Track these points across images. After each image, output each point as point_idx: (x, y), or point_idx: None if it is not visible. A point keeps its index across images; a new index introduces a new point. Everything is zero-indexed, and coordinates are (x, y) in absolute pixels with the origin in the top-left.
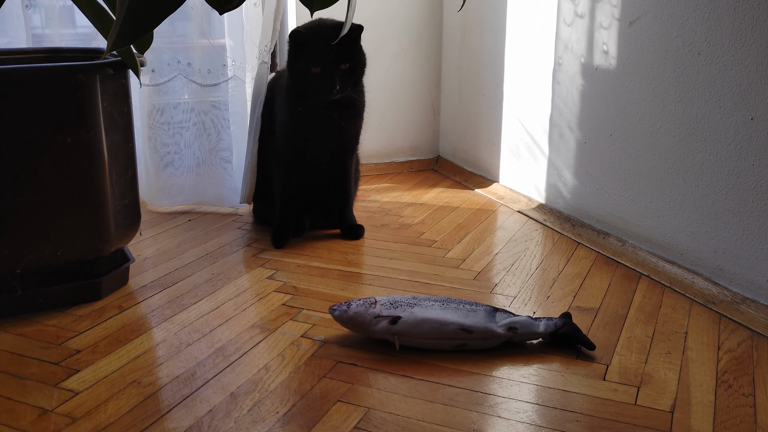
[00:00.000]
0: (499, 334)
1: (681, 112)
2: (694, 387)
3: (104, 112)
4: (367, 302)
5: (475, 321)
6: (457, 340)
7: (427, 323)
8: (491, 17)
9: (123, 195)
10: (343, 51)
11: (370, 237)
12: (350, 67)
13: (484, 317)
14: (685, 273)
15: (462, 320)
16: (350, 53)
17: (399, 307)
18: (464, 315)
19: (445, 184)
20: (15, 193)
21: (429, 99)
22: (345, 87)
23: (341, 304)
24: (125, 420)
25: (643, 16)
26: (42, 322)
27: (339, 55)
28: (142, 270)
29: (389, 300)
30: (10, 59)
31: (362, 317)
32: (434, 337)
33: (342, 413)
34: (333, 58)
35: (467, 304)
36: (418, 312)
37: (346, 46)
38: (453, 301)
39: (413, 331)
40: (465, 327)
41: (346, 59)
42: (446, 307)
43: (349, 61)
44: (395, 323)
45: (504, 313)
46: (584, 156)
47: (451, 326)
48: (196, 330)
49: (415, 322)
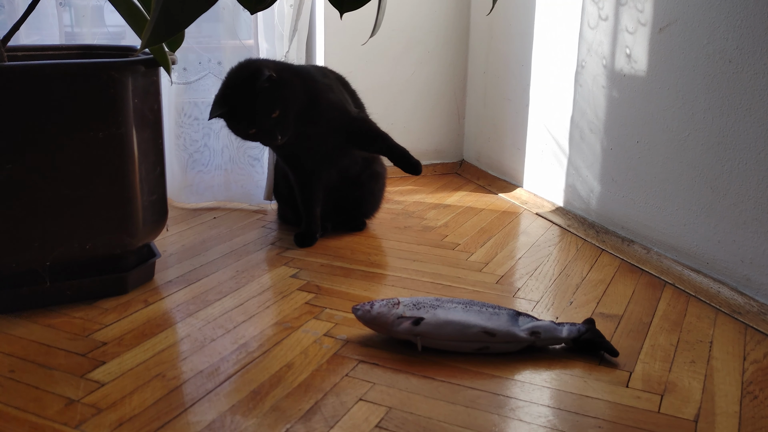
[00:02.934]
0: (521, 338)
1: (710, 120)
2: (718, 397)
3: (135, 108)
4: (390, 303)
5: (497, 324)
6: (480, 343)
7: (450, 325)
8: (519, 22)
9: (151, 191)
10: (266, 102)
11: (393, 239)
12: (282, 112)
13: (507, 321)
14: (711, 282)
15: (485, 323)
16: (274, 100)
17: (422, 309)
18: (487, 318)
19: (469, 188)
20: (46, 186)
21: (454, 103)
22: (287, 131)
23: (364, 304)
24: (149, 412)
25: (673, 23)
26: (69, 314)
27: (264, 108)
28: (167, 265)
29: (412, 301)
30: (44, 55)
31: (385, 317)
32: (456, 339)
33: (363, 412)
34: (261, 114)
35: (490, 307)
36: (441, 314)
37: (266, 96)
38: (475, 303)
39: (436, 333)
40: (488, 330)
41: (273, 107)
42: (469, 309)
43: (277, 107)
44: (418, 324)
45: (526, 317)
46: (610, 162)
47: (474, 329)
48: (220, 326)
49: (438, 323)
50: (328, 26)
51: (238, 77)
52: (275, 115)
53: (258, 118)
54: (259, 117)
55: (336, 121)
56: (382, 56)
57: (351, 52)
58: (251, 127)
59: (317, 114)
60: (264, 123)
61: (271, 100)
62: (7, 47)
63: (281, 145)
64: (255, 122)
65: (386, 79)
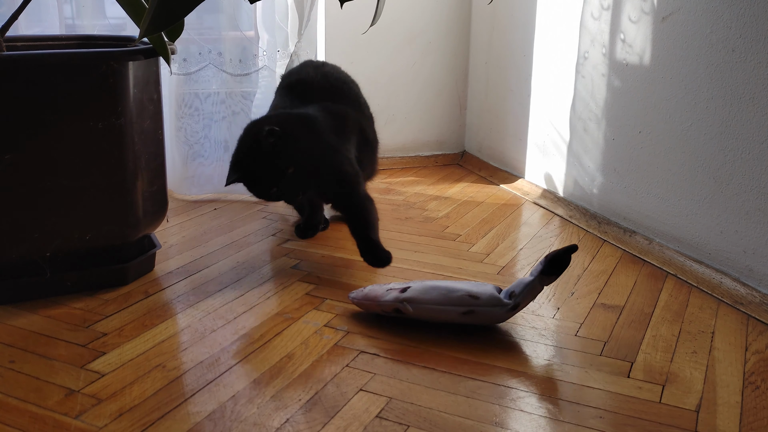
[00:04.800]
0: (504, 303)
1: (713, 110)
2: (720, 387)
3: (135, 99)
4: (384, 286)
5: (484, 289)
6: (464, 307)
7: (435, 290)
8: (521, 12)
9: (151, 182)
10: (278, 159)
11: (395, 230)
12: (297, 167)
13: (492, 287)
14: (713, 273)
15: (470, 288)
16: (285, 156)
17: (411, 283)
18: (474, 285)
19: (471, 179)
20: (46, 177)
21: (456, 94)
22: (306, 186)
23: (359, 289)
24: (150, 402)
25: (676, 12)
26: (70, 305)
27: (278, 165)
28: (168, 256)
29: (404, 283)
30: (43, 46)
31: (375, 291)
32: (442, 303)
33: (364, 402)
34: (276, 173)
35: (478, 282)
36: (428, 282)
37: (277, 153)
38: (463, 281)
39: (421, 298)
40: (472, 293)
41: (286, 163)
42: (457, 281)
43: (291, 163)
44: (404, 292)
45: (507, 286)
46: (612, 153)
47: (459, 292)
48: (220, 317)
49: (424, 289)
50: (329, 16)
51: (245, 142)
52: (291, 171)
53: (275, 176)
54: (275, 175)
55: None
56: (383, 46)
57: (352, 42)
58: (271, 186)
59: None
60: (281, 180)
61: (282, 156)
62: (6, 38)
63: None
64: (273, 181)
65: (387, 69)
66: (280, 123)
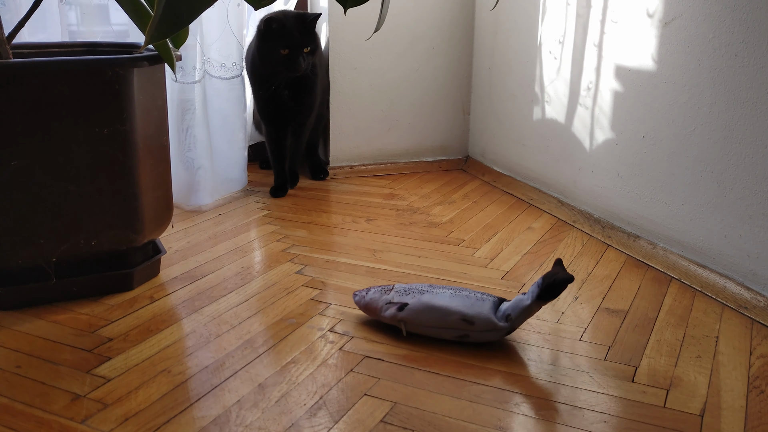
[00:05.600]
0: (499, 327)
1: (716, 114)
2: (724, 391)
3: (139, 105)
4: (385, 289)
5: (478, 312)
6: (459, 331)
7: (432, 311)
8: (523, 17)
9: (156, 187)
10: (306, 36)
11: (399, 235)
12: (311, 50)
13: (489, 308)
14: (717, 277)
15: (465, 311)
16: (311, 38)
17: (410, 294)
18: (470, 305)
19: (474, 184)
20: (52, 182)
21: (459, 99)
22: (307, 66)
23: (362, 290)
24: (155, 407)
25: (679, 17)
26: (75, 311)
27: (303, 39)
28: (173, 262)
29: (405, 287)
30: (49, 53)
31: (375, 303)
32: (437, 326)
33: (368, 407)
34: (299, 42)
35: (478, 293)
36: (426, 299)
37: (308, 32)
38: (464, 290)
39: (417, 319)
40: (467, 318)
41: (308, 43)
42: (455, 295)
43: (310, 45)
44: (402, 310)
45: (506, 303)
46: (615, 157)
47: (454, 316)
48: (225, 322)
49: (420, 309)
50: (332, 22)
51: (288, 13)
52: (307, 50)
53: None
54: (297, 43)
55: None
56: (386, 52)
57: (355, 47)
58: (288, 47)
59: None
60: (298, 50)
61: (310, 37)
62: (12, 45)
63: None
64: (292, 46)
65: (391, 74)
66: None
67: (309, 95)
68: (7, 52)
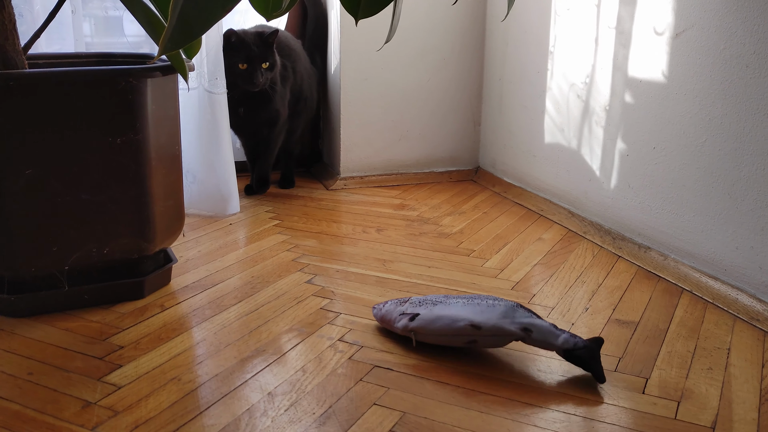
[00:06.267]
0: (509, 332)
1: (727, 126)
2: (736, 404)
3: (152, 115)
4: (401, 301)
5: (487, 318)
6: (467, 337)
7: (441, 320)
8: (534, 28)
9: (167, 196)
10: (264, 52)
11: (409, 245)
12: (270, 66)
13: (500, 313)
14: (729, 289)
15: (473, 317)
16: (270, 54)
17: (423, 305)
18: (479, 311)
19: (485, 194)
20: (65, 191)
21: (470, 110)
22: (265, 82)
23: (380, 303)
24: (165, 415)
25: (690, 28)
26: (87, 318)
27: (261, 54)
28: (184, 271)
29: (420, 299)
30: (64, 63)
31: (390, 315)
32: (445, 334)
33: (378, 416)
34: (257, 56)
35: (490, 299)
36: (437, 310)
37: (267, 48)
38: (478, 297)
39: (427, 328)
40: (474, 323)
41: (266, 58)
42: (468, 304)
43: (268, 60)
44: (413, 320)
45: (526, 312)
46: (626, 168)
47: (461, 322)
48: (235, 330)
49: (430, 319)
50: (344, 33)
51: (249, 31)
52: (265, 66)
53: (253, 58)
54: (254, 58)
55: (269, 107)
56: (397, 63)
57: (366, 58)
58: (246, 62)
59: (264, 94)
60: (255, 64)
61: (268, 53)
62: (28, 55)
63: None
64: (250, 61)
65: (401, 85)
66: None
67: (265, 110)
68: (23, 62)
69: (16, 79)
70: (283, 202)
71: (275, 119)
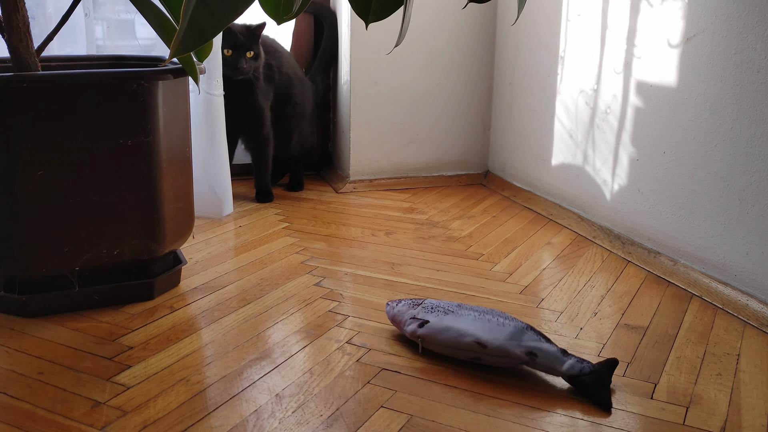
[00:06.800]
0: (513, 355)
1: (738, 130)
2: (745, 410)
3: (163, 117)
4: (414, 302)
5: (494, 337)
6: (472, 353)
7: (448, 332)
8: (545, 32)
9: (177, 198)
10: (249, 41)
11: (417, 248)
12: (254, 56)
13: (508, 334)
14: (739, 295)
15: (480, 334)
16: (255, 44)
17: (434, 312)
18: (488, 329)
19: (494, 198)
20: (76, 193)
21: (480, 114)
22: (249, 70)
23: (394, 301)
24: (173, 415)
25: (701, 33)
26: (97, 319)
27: (246, 43)
28: (193, 272)
29: (433, 304)
30: (76, 65)
31: (401, 316)
32: (451, 347)
33: (385, 419)
34: (242, 44)
35: (502, 317)
36: (447, 320)
37: (253, 38)
38: (490, 312)
39: (434, 338)
40: (481, 341)
41: (251, 47)
42: (479, 318)
43: (253, 50)
44: (422, 327)
45: (536, 334)
46: (636, 173)
47: (468, 338)
48: (243, 332)
49: (439, 329)
50: (354, 36)
51: (240, 23)
52: (249, 55)
53: (238, 46)
54: (239, 46)
55: (253, 97)
56: (407, 66)
57: (376, 62)
58: (231, 48)
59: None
60: (240, 51)
61: (253, 44)
62: (41, 58)
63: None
64: (235, 47)
65: (411, 89)
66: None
67: (248, 103)
68: (36, 64)
69: (29, 80)
70: (292, 205)
71: (259, 114)
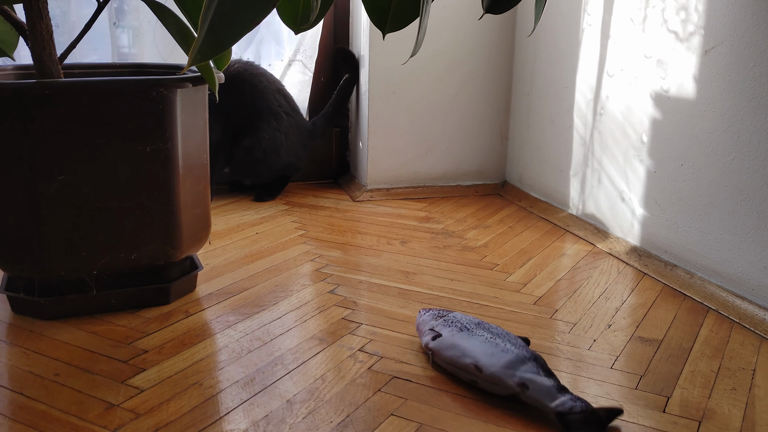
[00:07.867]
0: (505, 384)
1: (756, 143)
2: (759, 426)
3: (182, 124)
4: (440, 314)
5: (492, 362)
6: (469, 375)
7: (453, 349)
8: (564, 43)
9: (195, 204)
10: None
11: (432, 258)
12: None
13: (507, 362)
14: (756, 309)
15: (481, 357)
16: None
17: (450, 327)
18: (490, 353)
19: (510, 209)
20: (95, 197)
21: (497, 124)
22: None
23: (424, 310)
24: (186, 419)
25: (719, 45)
26: (113, 322)
27: None
28: (209, 278)
29: (456, 318)
30: (98, 73)
31: (423, 326)
32: (453, 365)
33: (395, 427)
34: None
35: (511, 343)
36: (457, 337)
37: None
38: (503, 336)
39: (440, 353)
40: (478, 365)
41: None
42: (488, 341)
43: None
44: (434, 340)
45: (537, 367)
46: (653, 185)
47: (468, 359)
48: (257, 338)
49: (447, 345)
50: (372, 47)
51: None
52: None
53: None
54: None
55: None
56: (425, 76)
57: (394, 71)
58: None
59: None
60: None
61: None
62: (63, 65)
63: None
64: None
65: (429, 98)
66: None
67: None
68: (59, 72)
69: (51, 87)
70: (308, 213)
71: None
